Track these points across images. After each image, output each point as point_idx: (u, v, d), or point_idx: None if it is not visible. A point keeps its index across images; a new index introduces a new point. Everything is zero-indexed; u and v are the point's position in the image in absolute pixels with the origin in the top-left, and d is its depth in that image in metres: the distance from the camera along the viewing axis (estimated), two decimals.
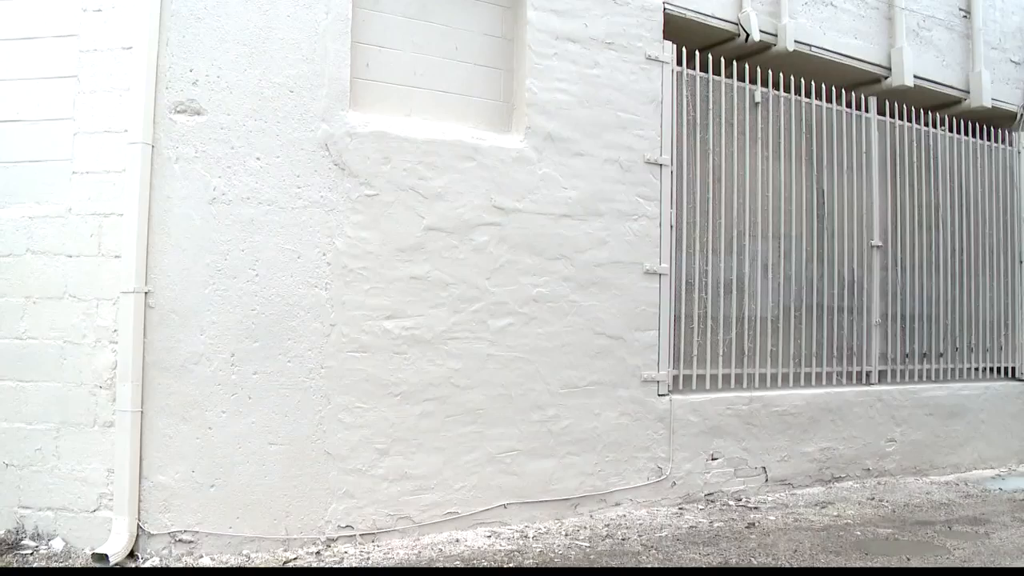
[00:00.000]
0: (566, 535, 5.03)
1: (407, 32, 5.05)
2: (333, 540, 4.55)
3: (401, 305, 4.80)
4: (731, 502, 5.98)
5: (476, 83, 5.29)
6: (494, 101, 5.34)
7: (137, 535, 4.18)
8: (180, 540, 4.24)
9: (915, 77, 7.39)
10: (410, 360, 4.81)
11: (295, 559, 4.35)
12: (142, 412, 4.20)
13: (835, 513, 5.80)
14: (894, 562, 4.64)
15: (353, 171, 4.67)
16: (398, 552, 4.58)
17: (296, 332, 4.48)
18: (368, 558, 4.46)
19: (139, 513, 4.20)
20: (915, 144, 7.61)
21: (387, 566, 4.39)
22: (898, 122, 7.49)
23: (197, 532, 4.27)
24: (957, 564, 4.64)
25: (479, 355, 5.05)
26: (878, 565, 4.61)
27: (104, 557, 4.02)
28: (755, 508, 5.87)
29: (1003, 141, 8.27)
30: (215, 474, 4.31)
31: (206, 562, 4.24)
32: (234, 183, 4.37)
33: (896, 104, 7.45)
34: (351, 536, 4.60)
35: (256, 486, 4.38)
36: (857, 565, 4.58)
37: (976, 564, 4.64)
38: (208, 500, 4.29)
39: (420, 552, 4.60)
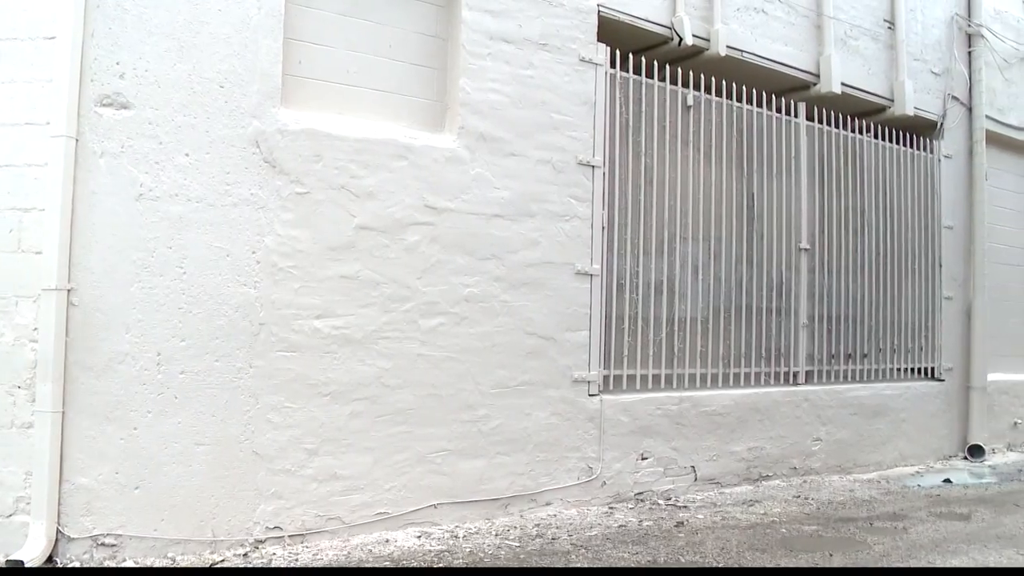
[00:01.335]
0: (496, 535, 5.17)
1: (341, 29, 5.14)
2: (261, 541, 4.61)
3: (331, 304, 4.88)
4: (660, 501, 6.19)
5: (410, 82, 5.40)
6: (428, 100, 5.46)
7: (56, 539, 4.16)
8: (102, 544, 4.25)
9: (842, 84, 7.73)
10: (340, 360, 4.90)
11: (222, 561, 4.41)
12: (63, 413, 4.18)
13: (762, 511, 6.06)
14: (818, 558, 4.89)
15: (284, 169, 4.74)
16: (327, 553, 4.66)
17: (224, 331, 4.53)
18: (297, 559, 4.54)
19: (59, 517, 4.17)
20: (842, 149, 7.97)
21: (317, 567, 4.47)
22: (826, 128, 7.84)
23: (120, 535, 4.28)
24: (876, 558, 4.91)
25: (409, 355, 5.16)
26: (802, 562, 4.85)
27: (19, 563, 3.99)
28: (684, 507, 6.09)
29: (925, 149, 8.71)
30: (140, 475, 4.32)
31: (129, 566, 4.26)
32: (162, 179, 4.39)
33: (824, 110, 7.80)
34: (280, 537, 4.67)
35: (182, 487, 4.42)
36: (783, 562, 4.81)
37: (894, 558, 4.92)
38: (132, 502, 4.31)
39: (350, 553, 4.69)
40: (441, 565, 4.57)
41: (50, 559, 4.14)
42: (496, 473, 5.50)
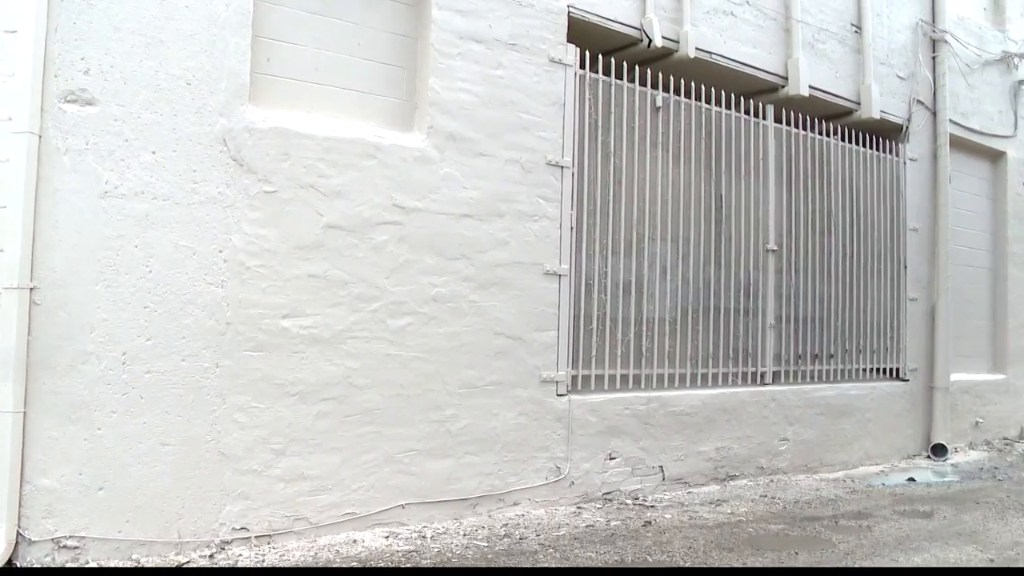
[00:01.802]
0: (464, 535, 5.21)
1: (310, 27, 5.15)
2: (227, 542, 4.62)
3: (299, 304, 4.90)
4: (628, 501, 6.27)
5: (379, 81, 5.43)
6: (397, 100, 5.49)
7: (16, 542, 4.13)
8: (64, 546, 4.22)
9: (810, 87, 7.87)
10: (307, 359, 4.92)
11: (188, 562, 4.41)
12: (24, 413, 4.16)
13: (729, 511, 6.15)
14: (784, 557, 4.99)
15: (252, 167, 4.75)
16: (294, 554, 4.68)
17: (191, 330, 4.53)
18: (263, 560, 4.55)
19: (19, 519, 4.14)
20: (809, 152, 8.11)
21: (284, 567, 4.49)
22: (794, 130, 7.97)
23: (83, 537, 4.26)
24: (841, 556, 5.02)
25: (378, 355, 5.19)
26: (768, 561, 4.94)
27: None
28: (652, 507, 6.18)
29: (890, 151, 8.89)
30: (104, 476, 4.31)
31: (92, 567, 4.25)
32: (127, 177, 4.38)
33: (792, 112, 7.94)
34: (246, 538, 4.68)
35: (147, 488, 4.41)
36: (749, 561, 4.90)
37: (858, 555, 5.03)
38: (96, 504, 4.29)
39: (317, 553, 4.71)
40: (409, 565, 4.61)
41: (9, 562, 4.11)
42: (464, 473, 5.54)
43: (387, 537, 5.06)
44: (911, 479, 7.69)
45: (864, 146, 8.61)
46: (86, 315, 4.28)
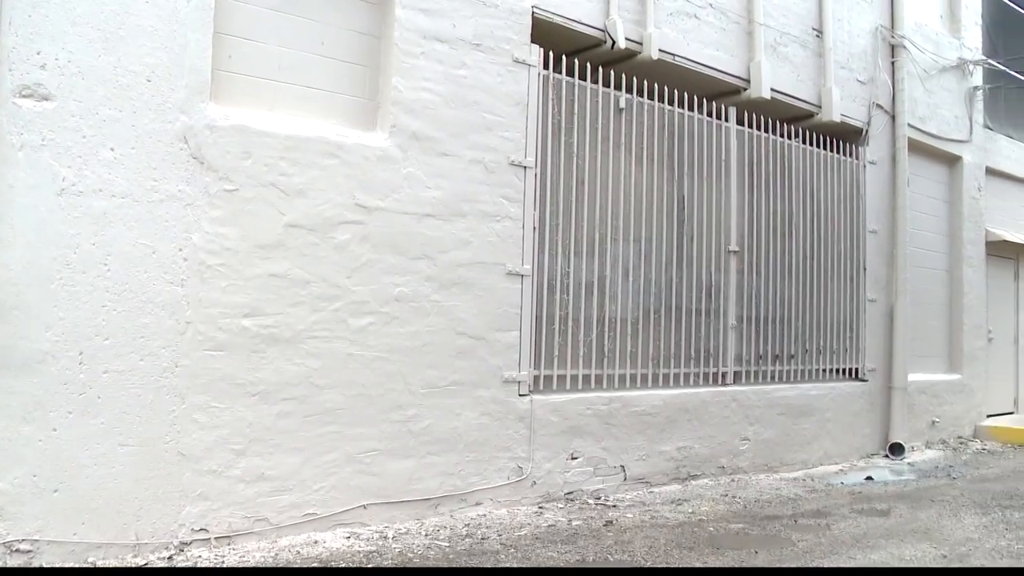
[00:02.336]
0: (426, 535, 5.25)
1: (272, 25, 5.17)
2: (186, 544, 4.61)
3: (260, 303, 4.91)
4: (590, 500, 6.34)
5: (342, 80, 5.45)
6: (360, 98, 5.52)
7: None
8: (17, 550, 4.18)
9: (772, 90, 8.02)
10: (268, 359, 4.93)
11: (145, 564, 4.40)
12: None
13: (690, 510, 6.25)
14: (743, 555, 5.09)
15: (212, 165, 4.75)
16: (254, 555, 4.69)
17: (149, 329, 4.53)
18: (223, 561, 4.56)
19: None
20: (771, 154, 8.26)
21: (256, 567, 4.50)
22: (755, 132, 8.11)
23: (37, 540, 4.22)
24: (800, 554, 5.14)
25: (339, 354, 5.22)
26: (728, 560, 5.04)
27: None
28: (613, 506, 6.26)
29: (850, 154, 9.08)
30: (59, 478, 4.28)
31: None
32: (85, 174, 4.37)
33: (754, 115, 8.08)
34: (205, 539, 4.68)
35: (104, 489, 4.39)
36: (709, 560, 4.99)
37: (817, 553, 5.15)
38: (51, 506, 4.26)
39: (277, 554, 4.73)
40: (371, 566, 4.64)
41: None
42: (426, 473, 5.58)
43: (348, 537, 5.09)
44: (869, 478, 7.87)
45: (825, 149, 8.79)
46: (42, 314, 4.26)
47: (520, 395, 6.08)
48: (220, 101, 4.89)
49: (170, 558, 4.50)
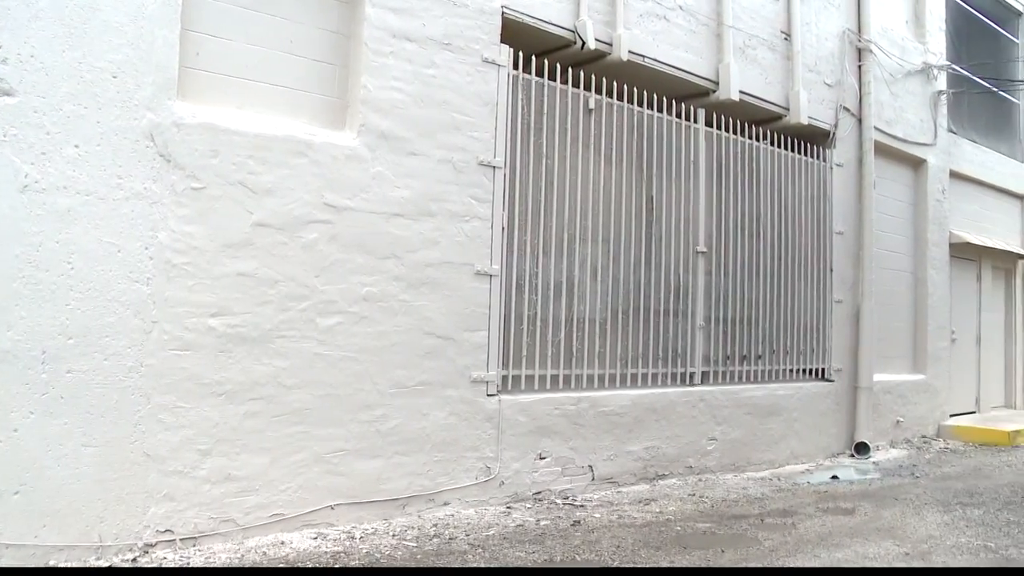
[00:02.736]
0: (394, 535, 5.27)
1: (241, 22, 5.16)
2: (151, 545, 4.60)
3: (227, 302, 4.91)
4: (558, 500, 6.39)
5: (311, 78, 5.46)
6: (329, 97, 5.53)
7: None
8: None
9: (740, 92, 8.13)
10: (235, 359, 4.93)
11: (109, 567, 4.38)
12: None
13: (657, 510, 6.32)
14: (710, 555, 5.16)
15: (179, 163, 4.74)
16: (220, 556, 4.69)
17: (114, 329, 4.51)
18: (188, 563, 4.55)
19: None
20: (739, 156, 8.36)
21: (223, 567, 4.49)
22: (724, 134, 8.21)
23: None
24: (766, 553, 5.22)
25: (307, 354, 5.22)
26: (695, 559, 5.11)
27: None
28: (581, 506, 6.31)
29: (818, 157, 9.22)
30: (20, 480, 4.24)
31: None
32: (49, 171, 4.34)
33: (723, 117, 8.18)
34: (171, 541, 4.67)
35: (67, 491, 4.36)
36: (676, 560, 5.05)
37: (782, 552, 5.24)
38: (10, 508, 4.22)
39: (244, 555, 4.73)
40: (338, 566, 4.65)
41: None
42: (394, 473, 5.60)
43: (315, 538, 5.09)
44: (835, 477, 7.99)
45: (792, 151, 8.92)
46: (3, 312, 4.22)
47: (488, 395, 6.12)
48: (187, 98, 4.88)
49: (134, 560, 4.48)
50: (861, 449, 9.18)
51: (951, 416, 11.25)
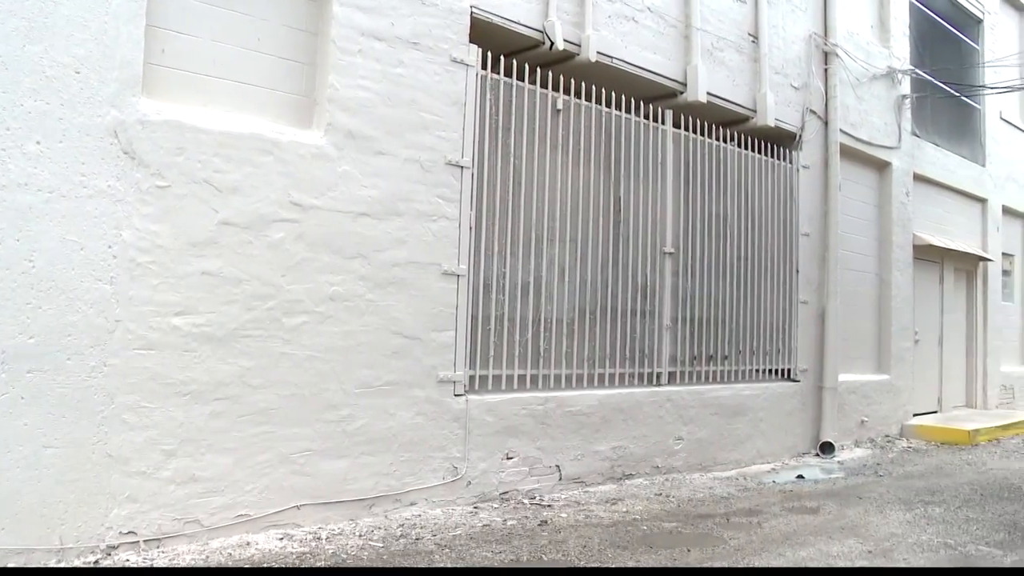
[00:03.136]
0: (360, 536, 5.28)
1: (207, 19, 5.15)
2: (114, 547, 4.57)
3: (192, 301, 4.89)
4: (525, 500, 6.43)
5: (278, 76, 5.45)
6: (296, 95, 5.53)
7: None
8: None
9: (708, 94, 8.22)
10: (200, 358, 4.91)
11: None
12: None
13: (624, 509, 6.38)
14: (676, 554, 5.23)
15: (144, 161, 4.72)
16: (185, 557, 4.68)
17: (77, 328, 4.48)
18: (152, 564, 4.53)
19: None
20: (707, 157, 8.45)
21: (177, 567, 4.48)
22: (692, 135, 8.30)
23: None
24: (731, 552, 5.29)
25: (272, 354, 5.22)
26: (662, 558, 5.17)
27: None
28: (548, 506, 6.35)
29: (784, 159, 9.35)
30: None
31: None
32: (9, 167, 4.30)
33: (690, 118, 8.27)
34: (134, 543, 4.64)
35: (27, 493, 4.32)
36: (642, 559, 5.10)
37: (748, 551, 5.31)
38: None
39: (208, 557, 4.72)
40: (304, 567, 4.65)
41: None
42: (360, 473, 5.61)
43: (281, 539, 5.09)
44: (800, 476, 8.10)
45: (759, 153, 9.03)
46: None
47: (455, 395, 6.14)
48: (152, 95, 4.86)
49: (96, 562, 4.46)
50: (826, 449, 9.32)
51: (914, 416, 11.46)
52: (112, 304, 4.60)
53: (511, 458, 6.47)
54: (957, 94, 12.72)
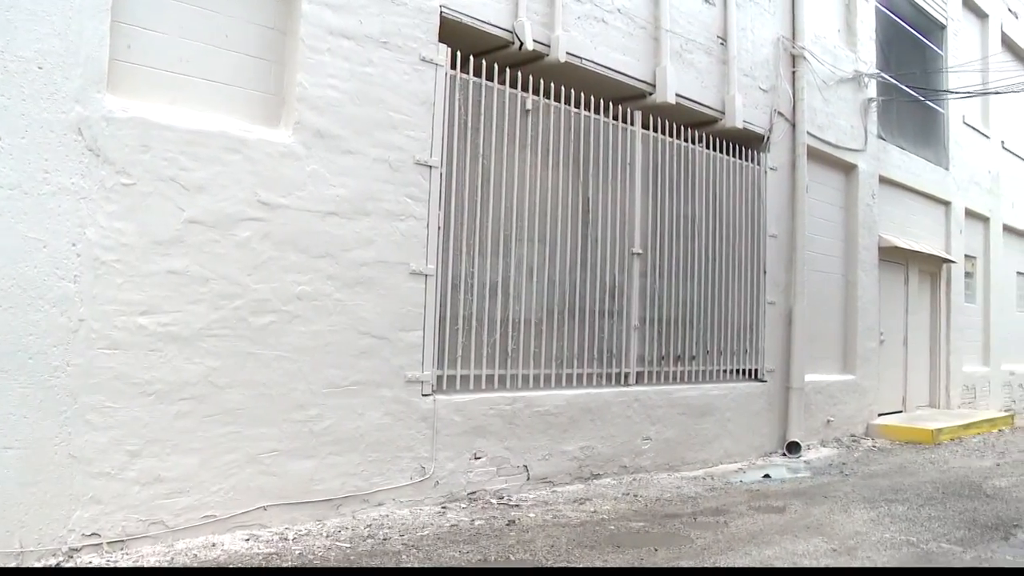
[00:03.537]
0: (327, 536, 5.28)
1: (174, 15, 5.12)
2: (76, 550, 4.54)
3: (157, 300, 4.87)
4: (493, 500, 6.46)
5: (246, 74, 5.44)
6: (264, 94, 5.52)
7: None
8: None
9: (677, 95, 8.30)
10: (166, 358, 4.89)
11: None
12: None
13: (592, 509, 6.42)
14: (643, 553, 5.27)
15: (109, 158, 4.69)
16: (149, 559, 4.66)
17: (39, 327, 4.44)
18: (116, 566, 4.49)
19: None
20: (675, 158, 8.53)
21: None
22: (660, 136, 8.37)
23: None
24: (698, 551, 5.35)
25: (239, 353, 5.21)
26: (628, 558, 5.21)
27: None
28: (516, 506, 6.39)
29: (752, 160, 9.46)
30: None
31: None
32: None
33: (659, 119, 8.34)
34: (97, 544, 4.61)
35: None
36: (610, 559, 5.15)
37: (714, 550, 5.37)
38: None
39: (173, 558, 4.70)
40: (270, 567, 4.64)
41: None
42: (328, 474, 5.61)
43: (247, 539, 5.08)
44: (767, 476, 8.21)
45: (727, 154, 9.13)
46: None
47: (423, 395, 6.16)
48: (118, 92, 4.83)
49: (58, 565, 4.42)
50: (793, 448, 9.44)
51: (879, 415, 11.64)
52: (76, 303, 4.56)
53: (479, 458, 6.49)
54: (922, 98, 12.94)
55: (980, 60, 13.99)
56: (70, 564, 4.45)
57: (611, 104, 7.87)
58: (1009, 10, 15.93)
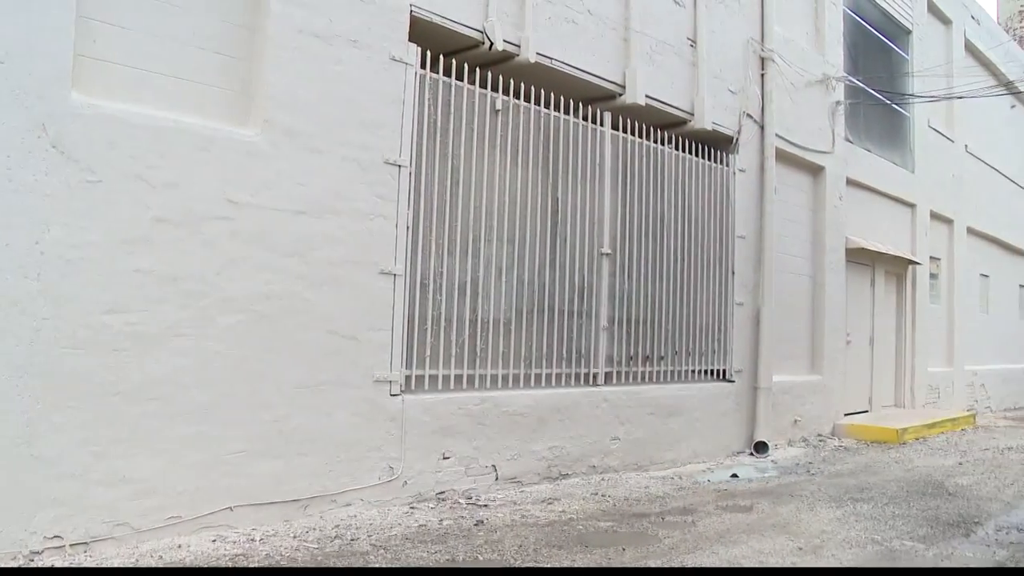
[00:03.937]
0: (294, 537, 5.28)
1: (141, 11, 5.09)
2: (38, 553, 4.50)
3: (123, 299, 4.84)
4: (462, 500, 6.48)
5: (214, 71, 5.42)
6: (232, 91, 5.50)
7: None
8: None
9: (647, 96, 8.37)
10: (132, 357, 4.87)
11: None
12: None
13: (560, 509, 6.46)
14: (611, 553, 5.32)
15: (74, 156, 4.65)
16: (113, 561, 4.63)
17: (1, 327, 4.40)
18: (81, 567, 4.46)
19: None
20: (644, 159, 8.60)
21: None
22: (630, 137, 8.44)
23: None
24: (666, 551, 5.40)
25: (206, 352, 5.19)
26: (596, 557, 5.26)
27: None
28: (485, 506, 6.41)
29: (721, 162, 9.56)
30: None
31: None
32: None
33: (629, 120, 8.41)
34: (60, 547, 4.57)
35: None
36: (577, 558, 5.18)
37: (682, 550, 5.43)
38: None
39: (138, 560, 4.68)
40: (237, 567, 4.63)
41: None
42: (295, 474, 5.61)
43: (214, 540, 5.07)
44: (735, 475, 8.29)
45: (696, 156, 9.22)
46: None
47: (392, 395, 6.16)
48: (83, 89, 4.79)
49: (19, 569, 4.37)
50: (760, 448, 9.54)
51: (846, 415, 11.81)
52: (39, 302, 4.52)
53: (447, 458, 6.51)
54: (888, 102, 13.14)
55: (944, 65, 14.23)
56: (32, 567, 4.41)
57: (581, 105, 7.93)
58: (972, 17, 16.22)
